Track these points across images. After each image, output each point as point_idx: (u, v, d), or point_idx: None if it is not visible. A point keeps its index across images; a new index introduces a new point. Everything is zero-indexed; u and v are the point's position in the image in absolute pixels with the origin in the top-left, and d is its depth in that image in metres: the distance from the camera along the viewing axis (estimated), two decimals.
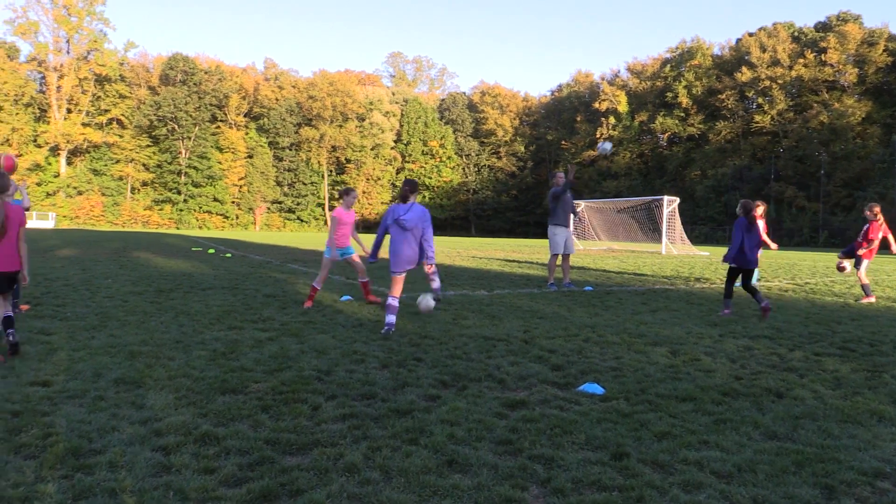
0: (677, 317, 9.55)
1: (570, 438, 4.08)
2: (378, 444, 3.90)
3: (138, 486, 3.25)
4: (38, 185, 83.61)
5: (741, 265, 9.74)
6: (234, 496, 3.17)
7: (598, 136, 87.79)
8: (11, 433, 3.95)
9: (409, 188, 7.80)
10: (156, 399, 4.73)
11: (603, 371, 5.92)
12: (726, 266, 13.74)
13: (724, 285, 10.53)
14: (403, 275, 7.85)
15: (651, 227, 39.79)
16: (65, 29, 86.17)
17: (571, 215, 13.56)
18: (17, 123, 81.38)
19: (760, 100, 75.24)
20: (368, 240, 46.09)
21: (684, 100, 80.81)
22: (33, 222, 70.79)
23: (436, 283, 8.30)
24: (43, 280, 12.61)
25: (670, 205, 35.20)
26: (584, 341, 7.41)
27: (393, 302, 7.73)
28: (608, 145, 14.04)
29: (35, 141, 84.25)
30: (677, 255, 31.98)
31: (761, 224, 12.15)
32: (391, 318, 7.67)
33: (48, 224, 72.52)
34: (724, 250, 41.42)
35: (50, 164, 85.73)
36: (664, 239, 34.30)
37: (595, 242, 41.47)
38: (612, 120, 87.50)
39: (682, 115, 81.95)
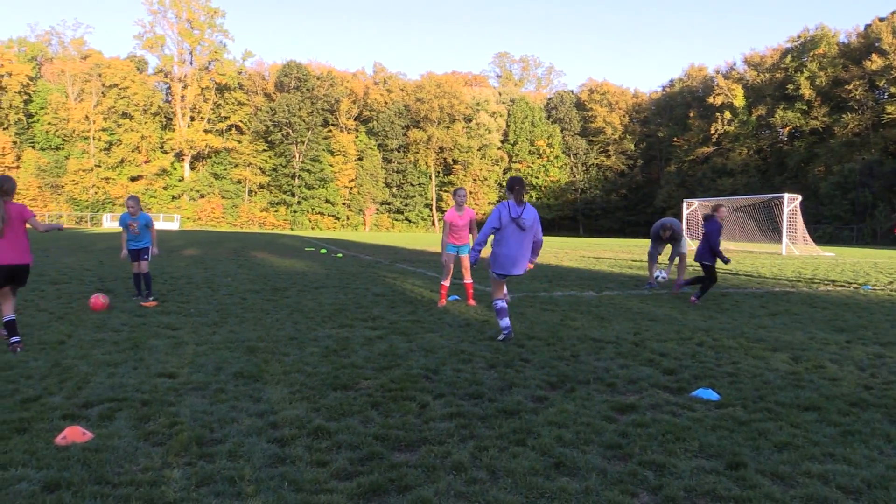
0: (799, 321, 9.05)
1: (683, 445, 3.94)
2: (485, 443, 3.90)
3: (255, 475, 3.39)
4: (165, 188, 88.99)
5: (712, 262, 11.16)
6: (344, 489, 3.25)
7: (712, 131, 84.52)
8: (141, 421, 4.21)
9: (521, 187, 7.22)
10: (272, 393, 4.92)
11: (718, 376, 5.69)
12: (853, 266, 12.97)
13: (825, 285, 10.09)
14: (505, 279, 7.36)
15: (770, 226, 37.89)
16: (188, 41, 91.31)
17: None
18: (145, 131, 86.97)
19: (893, 89, 70.11)
20: None
21: (807, 91, 76.42)
22: (160, 224, 75.39)
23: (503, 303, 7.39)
24: (169, 278, 13.39)
25: (791, 203, 33.43)
26: (698, 345, 7.15)
27: (502, 304, 7.27)
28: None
29: (162, 147, 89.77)
30: (799, 255, 30.36)
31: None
32: (506, 322, 7.23)
33: (174, 226, 76.97)
34: (851, 251, 39.01)
35: (175, 168, 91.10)
36: (784, 239, 32.63)
37: None
38: (727, 115, 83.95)
39: (805, 107, 77.54)
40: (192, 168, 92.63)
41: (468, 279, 10.35)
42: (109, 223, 76.06)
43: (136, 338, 6.98)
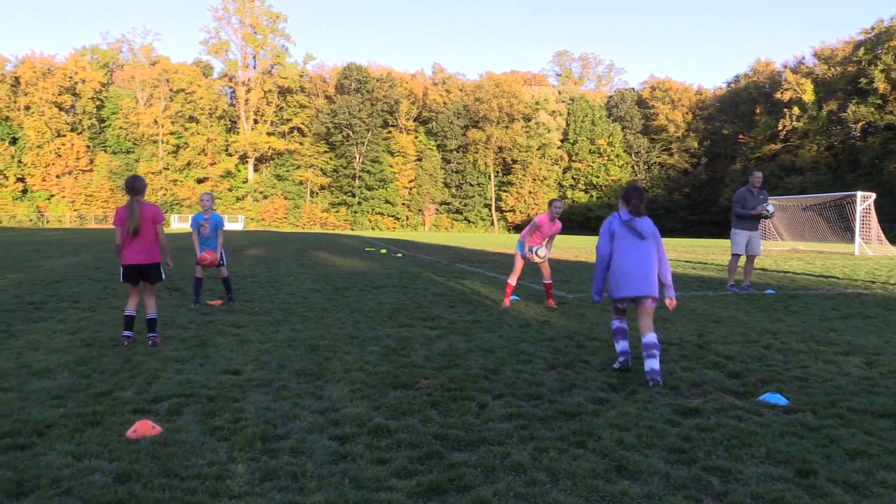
0: (874, 324, 8.70)
1: (750, 451, 3.83)
2: (545, 445, 3.87)
3: (317, 472, 3.44)
4: (230, 190, 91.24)
5: None
6: (404, 487, 3.27)
7: (780, 128, 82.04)
8: (207, 416, 4.33)
9: (638, 200, 5.76)
10: (333, 391, 4.99)
11: (786, 381, 5.51)
12: None
13: None
14: (626, 305, 5.83)
15: (842, 225, 36.52)
16: (251, 46, 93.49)
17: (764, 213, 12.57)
18: (211, 134, 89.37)
19: None
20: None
21: (881, 85, 73.35)
22: (225, 224, 77.32)
23: (653, 362, 5.44)
24: (234, 277, 13.71)
25: (865, 201, 32.16)
26: (766, 348, 6.94)
27: (619, 324, 5.87)
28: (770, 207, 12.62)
29: (227, 150, 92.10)
30: (873, 256, 29.21)
31: None
32: (624, 345, 5.80)
33: (238, 226, 78.87)
34: None
35: (239, 170, 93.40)
36: (857, 238, 31.43)
37: (777, 242, 38.81)
38: (795, 110, 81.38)
39: (879, 102, 74.46)
40: (256, 170, 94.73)
41: (547, 279, 10.24)
42: (177, 224, 78.41)
43: (202, 335, 7.17)
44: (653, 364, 5.39)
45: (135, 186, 6.61)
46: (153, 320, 6.72)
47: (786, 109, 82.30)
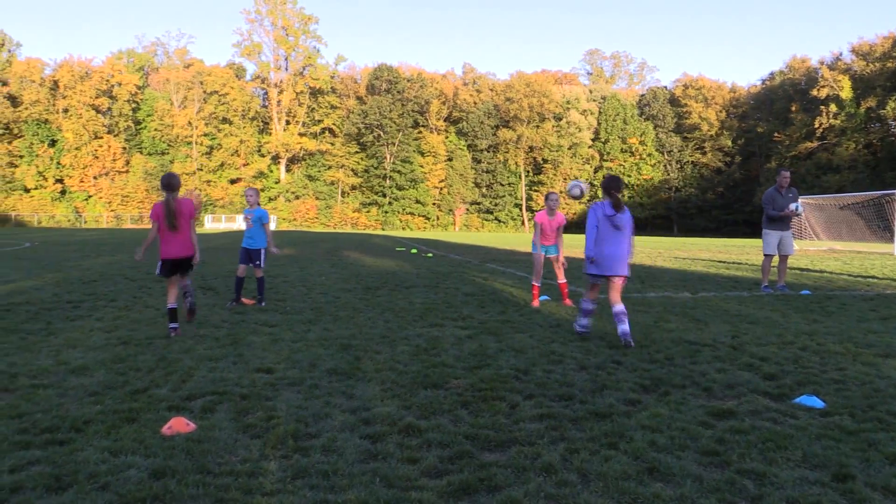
0: None
1: (785, 454, 3.77)
2: (576, 446, 3.85)
3: (348, 470, 3.46)
4: (262, 190, 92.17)
5: None
6: (435, 487, 3.28)
7: (816, 126, 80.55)
8: (240, 414, 4.38)
9: (617, 190, 7.08)
10: (364, 390, 5.02)
11: (823, 383, 5.41)
12: None
13: None
14: (601, 282, 7.22)
15: (881, 224, 35.72)
16: (283, 48, 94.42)
17: (793, 213, 12.41)
18: (244, 136, 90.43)
19: None
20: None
21: None
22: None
23: (624, 325, 6.88)
24: (266, 277, 13.84)
25: None
26: (802, 350, 6.82)
27: (590, 305, 7.27)
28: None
29: (259, 151, 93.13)
30: None
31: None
32: (586, 322, 7.32)
33: (271, 226, 79.39)
34: None
35: (272, 171, 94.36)
36: None
37: (813, 242, 38.11)
38: (832, 108, 79.79)
39: None
40: (288, 170, 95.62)
41: (562, 279, 10.27)
42: (210, 224, 79.39)
43: (235, 334, 7.26)
44: (623, 328, 6.80)
45: (171, 184, 7.18)
46: (192, 305, 7.95)
47: (822, 107, 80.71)
